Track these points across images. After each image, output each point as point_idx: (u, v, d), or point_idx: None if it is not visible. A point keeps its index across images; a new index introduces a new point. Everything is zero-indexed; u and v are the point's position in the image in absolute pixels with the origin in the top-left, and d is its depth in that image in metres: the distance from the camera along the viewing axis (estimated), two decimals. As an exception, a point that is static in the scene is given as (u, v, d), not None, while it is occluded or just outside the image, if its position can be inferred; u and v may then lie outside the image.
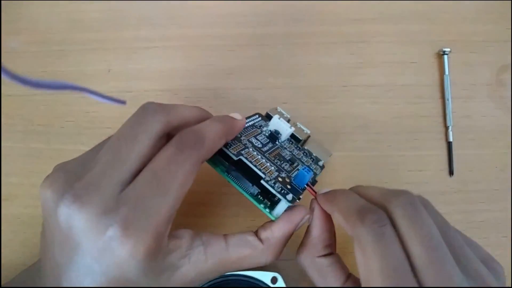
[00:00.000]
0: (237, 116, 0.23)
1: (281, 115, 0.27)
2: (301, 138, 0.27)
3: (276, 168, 0.22)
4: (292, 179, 0.22)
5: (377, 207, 0.18)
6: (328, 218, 0.21)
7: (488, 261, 0.18)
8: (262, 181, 0.20)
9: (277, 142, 0.26)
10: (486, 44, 0.31)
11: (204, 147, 0.19)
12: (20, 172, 0.31)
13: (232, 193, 0.26)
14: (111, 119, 0.27)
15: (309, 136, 0.28)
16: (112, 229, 0.16)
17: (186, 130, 0.19)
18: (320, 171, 0.26)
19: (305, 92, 0.31)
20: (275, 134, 0.26)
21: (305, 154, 0.26)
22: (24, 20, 0.34)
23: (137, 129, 0.19)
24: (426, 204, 0.19)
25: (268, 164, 0.22)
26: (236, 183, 0.22)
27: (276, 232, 0.21)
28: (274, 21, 0.32)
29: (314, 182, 0.25)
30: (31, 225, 0.30)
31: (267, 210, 0.21)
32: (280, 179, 0.21)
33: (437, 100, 0.30)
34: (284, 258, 0.28)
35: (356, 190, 0.21)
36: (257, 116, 0.27)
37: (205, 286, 0.25)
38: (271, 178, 0.21)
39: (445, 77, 0.30)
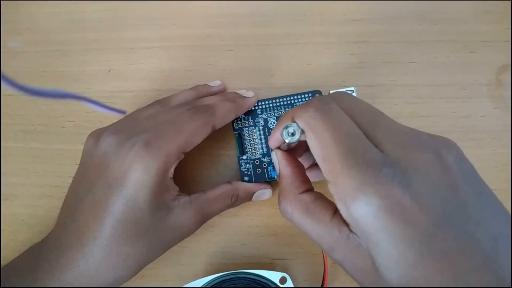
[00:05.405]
0: (249, 94, 0.29)
1: None
2: None
3: (265, 152, 0.28)
4: (270, 166, 0.28)
5: None
6: (293, 158, 0.22)
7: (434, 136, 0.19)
8: (239, 157, 0.28)
9: None
10: (486, 44, 0.31)
11: (215, 116, 0.25)
12: (21, 172, 0.31)
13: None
14: (111, 119, 0.28)
15: None
16: (137, 145, 0.22)
17: (199, 101, 0.27)
18: None
19: (305, 92, 0.31)
20: None
21: None
22: (25, 20, 0.34)
23: (173, 96, 0.28)
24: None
25: (261, 146, 0.28)
26: (236, 142, 0.28)
27: (240, 183, 0.27)
28: (274, 21, 0.32)
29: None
30: (32, 225, 0.30)
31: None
32: (257, 162, 0.28)
33: (436, 100, 0.30)
34: (293, 258, 0.28)
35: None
36: (309, 95, 0.29)
37: (214, 281, 0.25)
38: (249, 158, 0.28)
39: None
